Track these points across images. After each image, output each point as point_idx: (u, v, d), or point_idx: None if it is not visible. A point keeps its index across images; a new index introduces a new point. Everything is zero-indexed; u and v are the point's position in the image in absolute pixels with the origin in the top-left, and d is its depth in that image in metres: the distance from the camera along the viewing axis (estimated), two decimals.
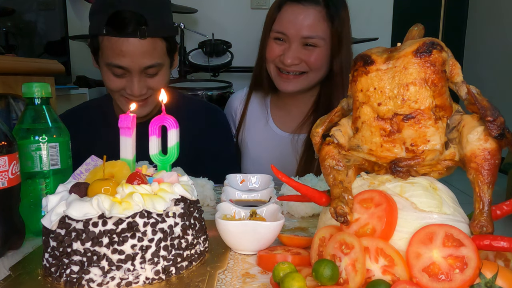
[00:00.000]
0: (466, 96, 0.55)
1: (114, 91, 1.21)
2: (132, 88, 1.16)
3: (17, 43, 2.35)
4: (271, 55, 1.27)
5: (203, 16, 3.56)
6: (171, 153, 0.68)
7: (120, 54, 1.11)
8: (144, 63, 1.14)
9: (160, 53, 1.17)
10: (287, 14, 1.22)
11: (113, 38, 1.11)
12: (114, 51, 1.12)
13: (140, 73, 1.15)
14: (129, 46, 1.11)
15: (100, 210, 0.54)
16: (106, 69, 1.18)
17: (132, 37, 1.10)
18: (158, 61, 1.16)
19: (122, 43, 1.11)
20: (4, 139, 0.65)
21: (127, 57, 1.12)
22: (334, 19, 1.21)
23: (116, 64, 1.13)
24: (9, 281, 0.57)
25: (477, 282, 0.46)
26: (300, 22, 1.19)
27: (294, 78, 1.26)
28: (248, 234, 0.64)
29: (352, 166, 0.59)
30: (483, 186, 0.50)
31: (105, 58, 1.15)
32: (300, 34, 1.20)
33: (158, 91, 1.14)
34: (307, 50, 1.22)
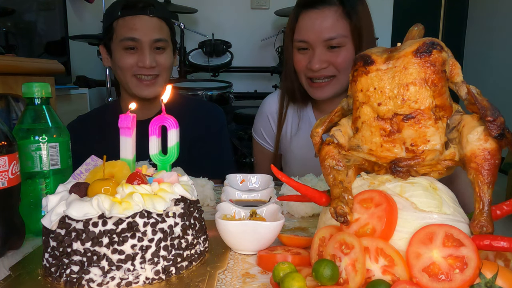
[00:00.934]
0: (466, 96, 0.55)
1: (126, 70, 1.32)
2: (143, 59, 1.30)
3: (17, 43, 2.35)
4: (299, 66, 1.28)
5: (203, 16, 3.56)
6: (171, 153, 0.68)
7: (133, 28, 1.29)
8: (153, 35, 1.31)
9: (165, 32, 1.35)
10: (304, 21, 1.23)
11: (127, 17, 1.30)
12: (128, 27, 1.30)
13: (150, 46, 1.31)
14: (141, 21, 1.30)
15: (100, 210, 0.54)
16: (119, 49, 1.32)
17: (143, 14, 1.30)
18: (165, 37, 1.34)
19: (135, 19, 1.30)
20: (4, 139, 0.65)
21: (139, 30, 1.30)
22: (351, 15, 1.20)
23: (129, 37, 1.29)
24: (9, 281, 0.57)
25: (477, 282, 0.46)
26: (319, 26, 1.20)
27: (326, 85, 1.25)
28: (248, 234, 0.64)
29: (352, 166, 0.59)
30: (483, 186, 0.50)
31: (120, 36, 1.31)
32: (321, 38, 1.20)
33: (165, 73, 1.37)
34: (333, 52, 1.22)
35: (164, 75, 1.38)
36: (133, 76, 1.33)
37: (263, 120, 1.46)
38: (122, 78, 1.37)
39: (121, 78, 1.37)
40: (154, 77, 1.35)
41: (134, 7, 1.31)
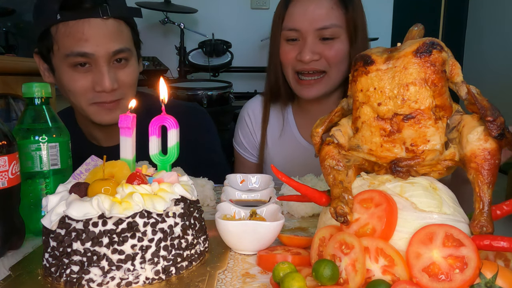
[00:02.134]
0: (466, 96, 0.55)
1: (80, 95, 1.02)
2: (102, 81, 0.98)
3: (17, 43, 2.34)
4: (286, 58, 1.15)
5: (203, 16, 3.56)
6: (171, 153, 0.68)
7: (82, 39, 0.95)
8: (111, 47, 0.98)
9: (127, 38, 1.03)
10: (296, 8, 1.11)
11: (70, 22, 0.95)
12: (74, 37, 0.95)
13: (108, 61, 1.00)
14: (91, 28, 0.95)
15: (100, 210, 0.54)
16: (64, 67, 1.00)
17: (93, 16, 0.96)
18: (126, 45, 1.01)
19: (83, 25, 0.95)
20: (4, 139, 0.65)
21: (91, 41, 0.96)
22: (347, 5, 1.10)
23: (78, 52, 0.96)
24: (9, 281, 0.57)
25: (477, 282, 0.46)
26: (312, 14, 1.08)
27: (315, 83, 1.14)
28: (248, 234, 0.64)
29: (352, 166, 0.59)
30: (483, 186, 0.50)
31: (64, 49, 0.97)
32: (314, 27, 1.09)
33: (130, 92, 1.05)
34: (325, 44, 1.11)
35: (129, 95, 1.06)
36: (91, 105, 1.03)
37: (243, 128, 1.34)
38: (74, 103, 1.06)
39: (73, 102, 1.06)
40: (117, 101, 1.05)
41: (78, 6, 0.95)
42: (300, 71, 1.14)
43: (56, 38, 0.97)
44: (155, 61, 3.08)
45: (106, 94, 1.02)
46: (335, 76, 1.15)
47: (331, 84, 1.16)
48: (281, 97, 1.24)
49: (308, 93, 1.16)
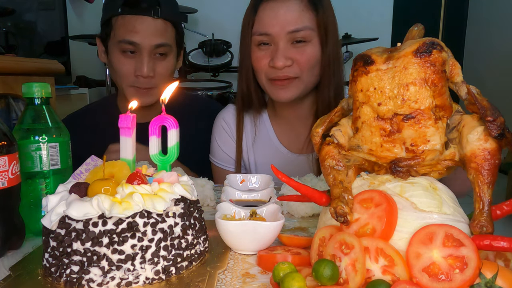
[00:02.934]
0: (466, 96, 0.55)
1: (123, 77, 1.22)
2: (141, 68, 1.19)
3: (17, 43, 2.35)
4: (259, 64, 1.12)
5: (203, 16, 3.56)
6: (171, 153, 0.68)
7: (133, 31, 1.17)
8: (154, 40, 1.19)
9: (170, 36, 1.23)
10: (265, 12, 1.09)
11: (127, 16, 1.18)
12: (127, 28, 1.17)
13: (150, 52, 1.20)
14: (142, 24, 1.17)
15: (100, 210, 0.54)
16: (116, 50, 1.21)
17: (146, 15, 1.17)
18: (167, 42, 1.22)
19: (136, 20, 1.17)
20: (4, 139, 0.65)
21: (140, 33, 1.17)
22: (317, 7, 1.09)
23: (128, 40, 1.18)
24: (9, 281, 0.57)
25: (477, 282, 0.46)
26: (283, 17, 1.07)
27: (288, 83, 1.12)
28: (248, 234, 0.64)
29: (352, 166, 0.59)
30: (483, 186, 0.50)
31: (118, 36, 1.19)
32: (285, 30, 1.07)
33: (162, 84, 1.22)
34: (297, 48, 1.09)
35: (161, 85, 1.24)
36: (130, 87, 1.24)
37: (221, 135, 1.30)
38: (118, 83, 1.27)
39: (118, 82, 1.28)
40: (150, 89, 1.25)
41: (136, 5, 1.18)
42: (273, 78, 1.13)
43: (114, 26, 1.21)
44: None
45: (143, 80, 1.21)
46: (308, 80, 1.14)
47: (304, 86, 1.14)
48: (253, 103, 1.23)
49: (284, 95, 1.14)
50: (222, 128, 1.30)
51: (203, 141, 1.35)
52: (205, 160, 1.36)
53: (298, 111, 1.24)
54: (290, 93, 1.13)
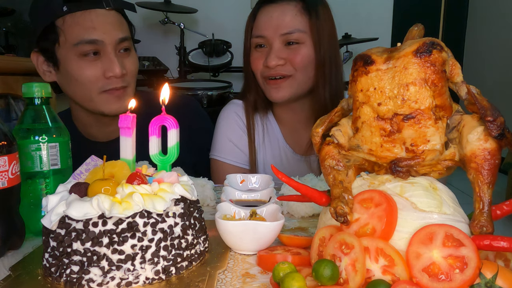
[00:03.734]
0: (466, 96, 0.55)
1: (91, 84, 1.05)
2: (112, 66, 1.04)
3: (17, 43, 2.34)
4: (255, 66, 1.18)
5: (203, 16, 3.56)
6: (171, 153, 0.68)
7: (90, 27, 1.01)
8: (117, 34, 1.05)
9: (126, 29, 1.10)
10: (262, 16, 1.16)
11: (77, 13, 1.01)
12: (82, 26, 1.01)
13: (115, 49, 1.06)
14: (98, 17, 1.02)
15: (100, 210, 0.54)
16: (74, 57, 1.03)
17: (98, 7, 1.03)
18: (128, 34, 1.09)
19: (90, 14, 1.02)
20: (4, 139, 0.65)
21: (98, 29, 1.02)
22: (311, 11, 1.13)
23: (88, 39, 1.01)
24: (9, 281, 0.57)
25: (477, 282, 0.46)
26: (277, 20, 1.13)
27: (281, 82, 1.16)
28: (248, 234, 0.64)
29: (352, 166, 0.59)
30: (483, 186, 0.50)
31: (72, 39, 1.02)
32: (278, 32, 1.12)
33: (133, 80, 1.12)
34: (290, 49, 1.14)
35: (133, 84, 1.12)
36: (101, 93, 1.06)
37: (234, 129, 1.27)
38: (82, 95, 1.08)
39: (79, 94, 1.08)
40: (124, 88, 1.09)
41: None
42: (267, 77, 1.17)
43: (63, 29, 1.02)
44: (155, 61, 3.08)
45: (116, 79, 1.06)
46: (301, 79, 1.17)
47: (297, 86, 1.17)
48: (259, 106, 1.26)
49: (277, 94, 1.17)
50: (236, 124, 1.28)
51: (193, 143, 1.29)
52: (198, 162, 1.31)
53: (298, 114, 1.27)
54: (283, 93, 1.17)
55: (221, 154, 1.28)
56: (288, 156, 1.30)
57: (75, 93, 1.10)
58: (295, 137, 1.29)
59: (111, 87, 1.07)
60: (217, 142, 1.29)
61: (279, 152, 1.30)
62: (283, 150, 1.30)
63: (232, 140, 1.28)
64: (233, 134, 1.28)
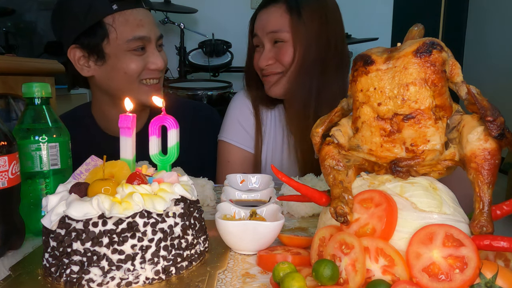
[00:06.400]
0: (466, 96, 0.55)
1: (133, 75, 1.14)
2: (157, 60, 1.15)
3: (17, 43, 2.35)
4: (255, 65, 1.29)
5: (203, 16, 3.56)
6: (171, 153, 0.68)
7: (139, 24, 1.12)
8: (157, 31, 1.17)
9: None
10: (257, 20, 1.28)
11: (127, 11, 1.11)
12: (133, 23, 1.11)
13: (155, 44, 1.17)
14: (144, 15, 1.14)
15: (100, 210, 0.54)
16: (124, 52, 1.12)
17: (141, 7, 1.14)
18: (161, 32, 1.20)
19: (138, 12, 1.13)
20: (4, 139, 0.65)
21: (145, 26, 1.13)
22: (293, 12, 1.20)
23: (139, 36, 1.11)
24: (9, 281, 0.57)
25: (477, 282, 0.46)
26: (265, 21, 1.24)
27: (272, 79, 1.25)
28: (248, 234, 0.64)
29: (352, 166, 0.59)
30: (483, 186, 0.50)
31: (125, 35, 1.10)
32: (266, 30, 1.23)
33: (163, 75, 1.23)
34: (278, 47, 1.23)
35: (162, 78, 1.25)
36: (140, 83, 1.16)
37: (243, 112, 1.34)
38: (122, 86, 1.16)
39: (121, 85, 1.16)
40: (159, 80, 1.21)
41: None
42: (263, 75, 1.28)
43: (114, 26, 1.10)
44: None
45: (157, 72, 1.18)
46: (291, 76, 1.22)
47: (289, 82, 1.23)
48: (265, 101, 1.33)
49: (273, 90, 1.26)
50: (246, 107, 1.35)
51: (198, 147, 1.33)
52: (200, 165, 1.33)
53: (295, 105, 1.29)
54: (275, 89, 1.26)
55: (228, 136, 1.33)
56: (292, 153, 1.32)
57: (119, 85, 1.17)
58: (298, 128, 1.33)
59: (151, 77, 1.18)
60: (226, 124, 1.36)
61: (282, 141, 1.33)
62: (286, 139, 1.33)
63: (240, 122, 1.33)
64: (242, 116, 1.34)
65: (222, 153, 1.35)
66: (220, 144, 1.35)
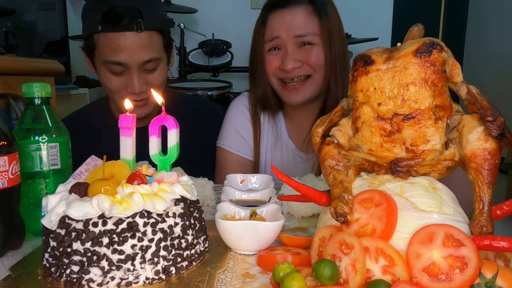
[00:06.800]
0: (466, 96, 0.55)
1: (114, 92, 1.19)
2: (132, 85, 1.14)
3: (17, 43, 2.35)
4: (270, 68, 1.20)
5: (203, 16, 3.56)
6: (171, 153, 0.68)
7: (117, 50, 1.10)
8: (142, 57, 1.12)
9: (157, 47, 1.17)
10: (274, 20, 1.19)
11: (109, 34, 1.10)
12: (111, 47, 1.10)
13: (139, 69, 1.14)
14: (126, 41, 1.10)
15: (100, 210, 0.54)
16: (103, 69, 1.16)
17: (128, 30, 1.09)
18: (156, 55, 1.15)
19: (119, 38, 1.09)
20: (4, 139, 0.65)
21: (125, 52, 1.10)
22: (321, 14, 1.17)
23: (114, 61, 1.11)
24: (9, 281, 0.57)
25: (477, 282, 0.46)
26: (289, 23, 1.16)
27: (300, 86, 1.19)
28: (248, 234, 0.64)
29: (352, 166, 0.59)
30: (483, 186, 0.50)
31: (102, 56, 1.13)
32: (292, 34, 1.16)
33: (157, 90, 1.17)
34: (304, 50, 1.17)
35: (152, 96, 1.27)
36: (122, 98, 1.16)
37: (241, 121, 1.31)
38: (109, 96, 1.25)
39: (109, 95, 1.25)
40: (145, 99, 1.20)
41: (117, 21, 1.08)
42: (283, 78, 1.19)
43: (97, 44, 1.14)
44: None
45: (135, 95, 1.17)
46: (319, 78, 1.20)
47: (314, 87, 1.20)
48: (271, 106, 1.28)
49: (296, 98, 1.20)
50: (243, 115, 1.32)
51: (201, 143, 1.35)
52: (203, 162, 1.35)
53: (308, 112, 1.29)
54: (302, 96, 1.20)
55: (226, 143, 1.32)
56: (290, 152, 1.32)
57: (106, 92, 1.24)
58: (299, 134, 1.32)
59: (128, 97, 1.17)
60: (224, 131, 1.34)
61: (282, 148, 1.32)
62: (285, 145, 1.32)
63: (238, 130, 1.31)
64: (240, 125, 1.31)
65: (220, 159, 1.34)
66: (218, 150, 1.34)
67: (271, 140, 1.32)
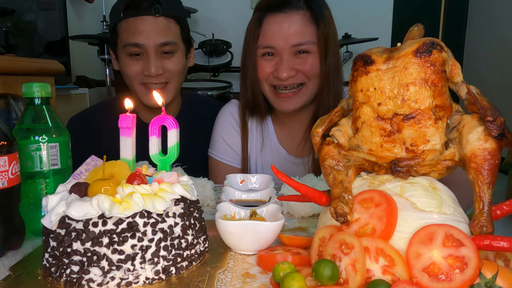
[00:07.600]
0: (466, 96, 0.55)
1: (132, 78, 1.25)
2: (148, 67, 1.21)
3: (17, 43, 2.34)
4: (263, 74, 1.17)
5: (203, 16, 3.56)
6: (171, 153, 0.68)
7: (135, 32, 1.19)
8: (158, 39, 1.20)
9: (174, 33, 1.24)
10: (270, 25, 1.14)
11: (130, 19, 1.20)
12: (130, 31, 1.20)
13: (156, 52, 1.21)
14: (144, 24, 1.19)
15: (100, 210, 0.54)
16: (124, 56, 1.24)
17: (146, 14, 1.19)
18: (172, 39, 1.23)
19: (137, 21, 1.19)
20: (4, 139, 0.65)
21: (143, 34, 1.19)
22: (319, 21, 1.13)
23: (132, 43, 1.20)
24: (9, 281, 0.57)
25: (477, 282, 0.46)
26: (287, 31, 1.12)
27: (293, 95, 1.17)
28: (248, 234, 0.64)
29: (352, 166, 0.59)
30: (483, 186, 0.50)
31: (123, 41, 1.22)
32: (289, 43, 1.12)
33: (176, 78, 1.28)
34: (300, 58, 1.15)
35: (175, 81, 1.27)
36: (140, 84, 1.25)
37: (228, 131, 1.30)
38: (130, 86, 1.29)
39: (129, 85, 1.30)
40: (163, 85, 1.25)
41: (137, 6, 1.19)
42: (277, 85, 1.17)
43: (119, 32, 1.24)
44: None
45: (152, 77, 1.23)
46: (312, 88, 1.18)
47: (308, 95, 1.19)
48: (260, 111, 1.27)
49: (288, 106, 1.18)
50: (230, 125, 1.31)
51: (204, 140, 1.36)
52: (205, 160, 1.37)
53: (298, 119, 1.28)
54: (294, 105, 1.18)
55: (215, 152, 1.32)
56: (281, 158, 1.31)
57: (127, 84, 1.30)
58: (290, 140, 1.31)
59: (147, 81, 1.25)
60: (213, 140, 1.34)
61: (272, 153, 1.31)
62: (275, 151, 1.31)
63: (225, 140, 1.31)
64: (226, 134, 1.31)
65: (211, 168, 1.35)
66: (209, 159, 1.35)
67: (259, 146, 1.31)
